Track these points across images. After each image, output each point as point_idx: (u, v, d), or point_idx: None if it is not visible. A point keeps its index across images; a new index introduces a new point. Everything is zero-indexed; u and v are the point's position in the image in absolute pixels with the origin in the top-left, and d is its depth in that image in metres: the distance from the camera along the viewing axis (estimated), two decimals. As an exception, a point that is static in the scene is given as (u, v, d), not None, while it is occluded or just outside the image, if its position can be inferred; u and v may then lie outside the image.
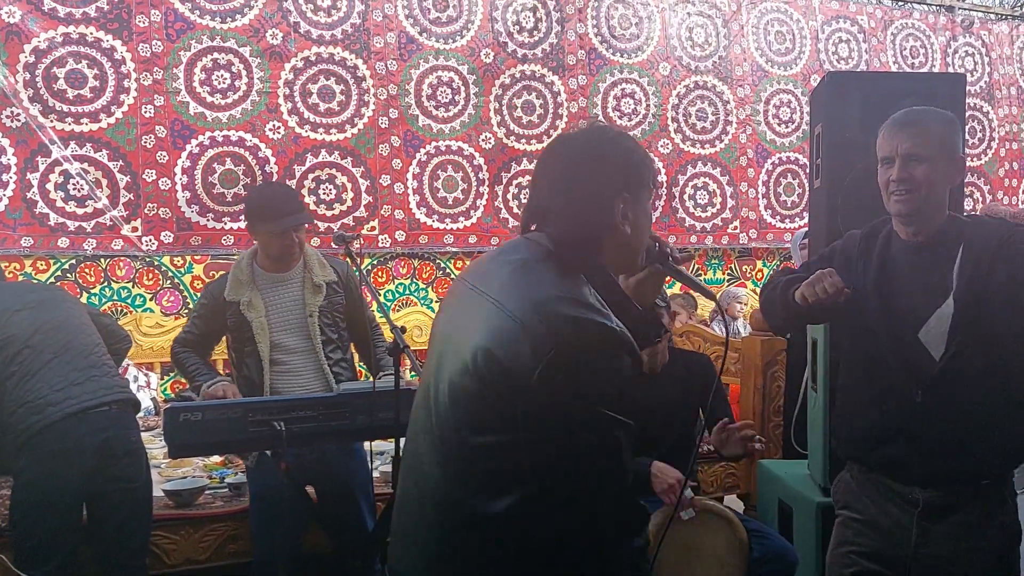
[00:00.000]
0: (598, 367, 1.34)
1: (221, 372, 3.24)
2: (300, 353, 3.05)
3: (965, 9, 7.94)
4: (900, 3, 7.84)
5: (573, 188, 1.49)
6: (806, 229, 5.26)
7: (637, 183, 1.53)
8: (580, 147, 1.54)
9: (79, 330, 3.00)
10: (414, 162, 5.96)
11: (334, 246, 3.12)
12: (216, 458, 3.66)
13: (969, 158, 7.23)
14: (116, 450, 2.83)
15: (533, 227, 1.54)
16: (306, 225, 3.18)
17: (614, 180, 1.50)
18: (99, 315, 3.34)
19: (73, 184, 5.12)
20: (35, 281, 4.90)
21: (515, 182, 6.23)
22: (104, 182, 5.19)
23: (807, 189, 6.97)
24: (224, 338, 3.20)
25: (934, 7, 7.84)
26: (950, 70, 7.45)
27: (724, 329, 4.93)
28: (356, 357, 3.34)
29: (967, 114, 7.10)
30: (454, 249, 6.09)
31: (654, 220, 6.92)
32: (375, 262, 5.94)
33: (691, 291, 5.71)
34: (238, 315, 3.01)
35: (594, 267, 1.48)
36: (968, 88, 7.23)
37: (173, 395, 5.20)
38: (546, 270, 1.43)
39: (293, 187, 5.54)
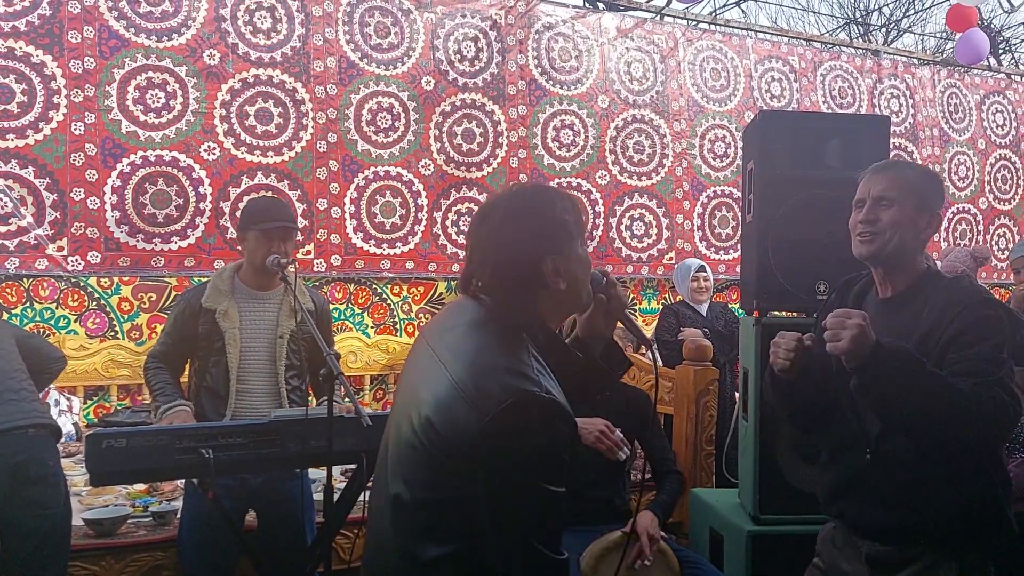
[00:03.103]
0: (535, 439, 1.36)
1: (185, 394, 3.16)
2: (261, 374, 3.04)
3: (890, 54, 8.25)
4: (829, 46, 8.11)
5: (498, 256, 1.53)
6: (694, 262, 5.36)
7: (564, 239, 1.54)
8: (502, 215, 1.56)
9: None
10: (352, 187, 5.92)
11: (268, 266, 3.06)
12: (140, 486, 3.55)
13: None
14: (31, 474, 2.72)
15: (471, 288, 1.58)
16: (296, 239, 3.17)
17: (538, 244, 1.52)
18: (29, 337, 3.23)
19: (-4, 201, 4.97)
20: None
21: (454, 209, 6.24)
22: (30, 200, 5.05)
23: (741, 222, 7.14)
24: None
25: (861, 51, 8.13)
26: (876, 111, 7.71)
27: (656, 358, 4.98)
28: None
29: (892, 154, 7.35)
30: (391, 275, 6.05)
31: (591, 250, 6.98)
32: (310, 286, 5.86)
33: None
34: (211, 323, 2.98)
35: (534, 326, 1.52)
36: (893, 129, 7.51)
37: (96, 420, 5.03)
38: (488, 334, 1.48)
39: (227, 210, 5.48)
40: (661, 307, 6.18)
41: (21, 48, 5.04)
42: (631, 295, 6.89)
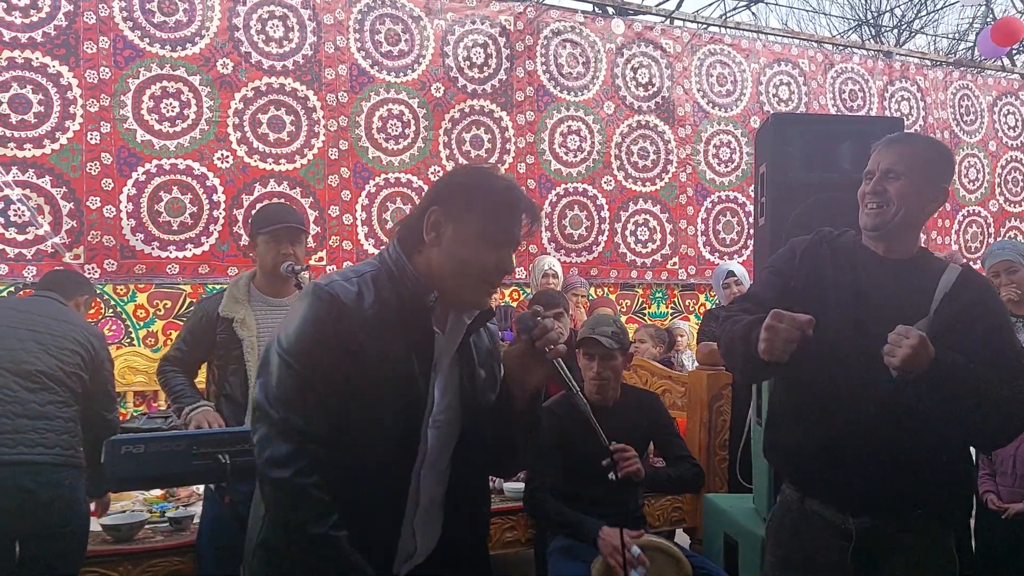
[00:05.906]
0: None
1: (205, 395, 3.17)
2: None
3: (902, 55, 8.24)
4: (840, 47, 8.10)
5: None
6: (728, 266, 5.33)
7: (455, 202, 1.58)
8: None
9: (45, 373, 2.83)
10: (363, 193, 5.96)
11: (283, 273, 3.08)
12: (156, 491, 3.58)
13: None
14: (41, 499, 2.70)
15: None
16: (305, 243, 3.16)
17: (431, 195, 1.63)
18: (107, 370, 3.07)
19: (14, 210, 5.01)
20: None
21: (464, 215, 6.25)
22: (47, 209, 5.10)
23: (745, 227, 7.14)
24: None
25: (872, 52, 8.12)
26: (887, 114, 7.69)
27: (673, 364, 4.98)
28: None
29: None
30: (403, 281, 6.06)
31: (596, 255, 6.91)
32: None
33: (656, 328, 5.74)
34: (229, 331, 3.00)
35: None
36: (903, 131, 7.47)
37: (112, 427, 5.06)
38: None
39: (240, 217, 5.52)
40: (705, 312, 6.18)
41: (38, 59, 5.09)
42: (640, 300, 6.91)
